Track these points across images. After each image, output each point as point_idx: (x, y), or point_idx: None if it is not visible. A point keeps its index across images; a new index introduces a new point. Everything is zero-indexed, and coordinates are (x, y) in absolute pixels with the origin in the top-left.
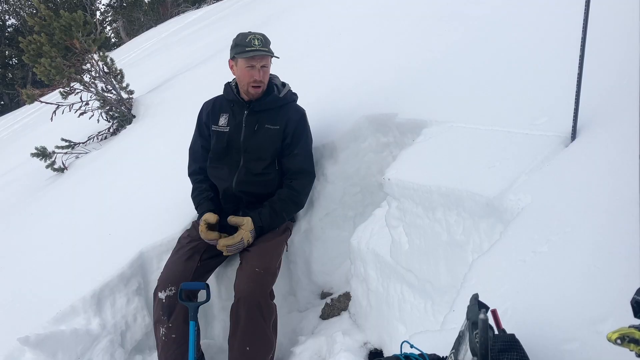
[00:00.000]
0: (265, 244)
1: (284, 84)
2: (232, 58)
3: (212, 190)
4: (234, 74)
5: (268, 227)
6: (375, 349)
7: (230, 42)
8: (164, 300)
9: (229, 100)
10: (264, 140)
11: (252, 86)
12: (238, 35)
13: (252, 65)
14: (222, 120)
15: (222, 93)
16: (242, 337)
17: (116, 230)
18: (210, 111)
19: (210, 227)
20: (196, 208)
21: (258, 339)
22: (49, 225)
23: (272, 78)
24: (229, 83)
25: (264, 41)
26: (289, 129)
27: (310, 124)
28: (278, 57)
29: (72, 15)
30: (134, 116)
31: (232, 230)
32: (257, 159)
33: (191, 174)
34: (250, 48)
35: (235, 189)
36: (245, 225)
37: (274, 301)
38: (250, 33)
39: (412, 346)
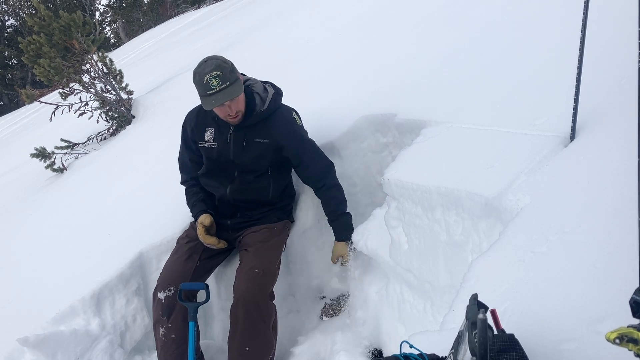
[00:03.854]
0: (264, 245)
1: (266, 89)
2: None
3: (205, 191)
4: None
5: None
6: (375, 349)
7: (231, 43)
8: (163, 301)
9: (212, 115)
10: (255, 154)
11: (231, 119)
12: (195, 74)
13: (222, 104)
14: (208, 136)
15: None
16: (241, 338)
17: (115, 231)
18: (194, 126)
19: (208, 229)
20: (191, 210)
21: (257, 340)
22: (49, 226)
23: (251, 85)
24: None
25: (223, 75)
26: (281, 142)
27: (309, 124)
28: (240, 94)
29: (72, 16)
30: (134, 116)
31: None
32: (251, 171)
33: (183, 182)
34: (211, 91)
35: (230, 196)
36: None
37: (273, 302)
38: (205, 71)
39: (411, 346)
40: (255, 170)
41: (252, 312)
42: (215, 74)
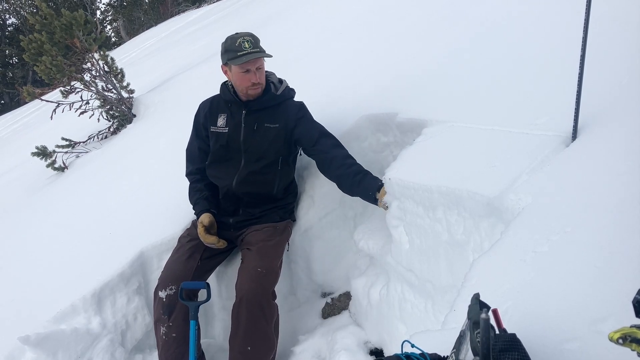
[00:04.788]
0: (267, 244)
1: (281, 81)
2: (225, 64)
3: (208, 189)
4: (229, 79)
5: None
6: (376, 348)
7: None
8: (164, 300)
9: (226, 101)
10: (264, 139)
11: (252, 89)
12: (227, 40)
13: (247, 70)
14: (221, 121)
15: (218, 92)
16: (243, 337)
17: (116, 230)
18: (207, 112)
19: (208, 229)
20: (193, 208)
21: (259, 340)
22: (49, 225)
23: (269, 75)
24: (225, 83)
25: (254, 42)
26: (292, 123)
27: None
28: (271, 56)
29: (73, 14)
30: (134, 115)
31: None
32: (257, 159)
33: (188, 175)
34: (242, 52)
35: (236, 188)
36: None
37: (275, 301)
38: (238, 35)
39: (412, 345)
40: (262, 159)
41: (254, 312)
42: (248, 38)
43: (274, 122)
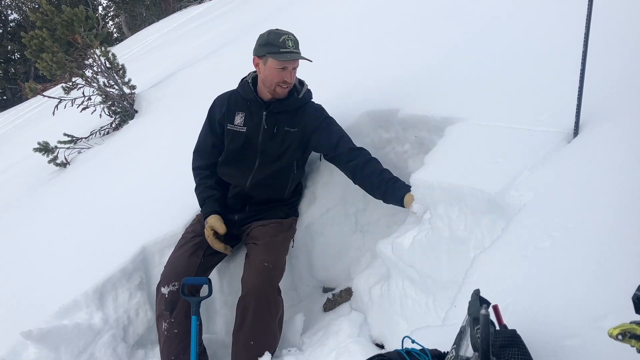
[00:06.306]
0: (273, 239)
1: (302, 83)
2: (261, 56)
3: (218, 187)
4: (259, 72)
5: None
6: (377, 344)
7: (234, 37)
8: (166, 296)
9: (245, 99)
10: (283, 143)
11: (281, 87)
12: (270, 33)
13: (284, 67)
14: (238, 120)
15: (236, 88)
16: (248, 331)
17: (118, 225)
18: (225, 109)
19: (219, 235)
20: (201, 205)
21: (264, 334)
22: (52, 220)
23: None
24: (245, 80)
25: (296, 42)
26: (312, 126)
27: None
28: (311, 61)
29: (74, 11)
30: (136, 111)
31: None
32: (272, 162)
33: (196, 168)
34: (285, 50)
35: (249, 190)
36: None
37: (280, 296)
38: (282, 32)
39: (413, 341)
40: (277, 162)
41: (261, 306)
42: (292, 37)
43: (294, 126)
